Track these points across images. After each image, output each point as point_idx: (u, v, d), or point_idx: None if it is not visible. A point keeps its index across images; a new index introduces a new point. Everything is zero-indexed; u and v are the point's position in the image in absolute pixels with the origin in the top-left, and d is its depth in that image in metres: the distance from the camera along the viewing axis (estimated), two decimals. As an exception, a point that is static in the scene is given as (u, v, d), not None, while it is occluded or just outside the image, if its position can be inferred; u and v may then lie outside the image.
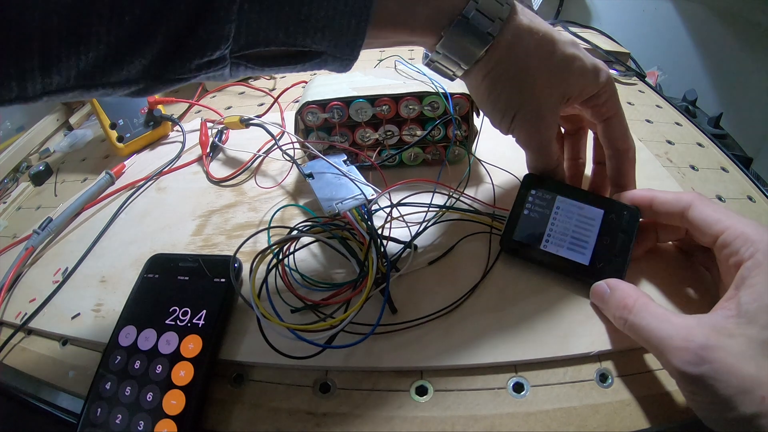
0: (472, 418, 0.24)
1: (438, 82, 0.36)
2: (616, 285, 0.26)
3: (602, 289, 0.27)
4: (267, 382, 0.27)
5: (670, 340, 0.22)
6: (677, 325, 0.22)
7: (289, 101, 0.55)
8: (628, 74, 0.60)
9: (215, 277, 0.30)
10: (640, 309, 0.24)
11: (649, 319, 0.23)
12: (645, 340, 0.23)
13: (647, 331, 0.23)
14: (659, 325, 0.23)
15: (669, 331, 0.22)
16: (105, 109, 0.48)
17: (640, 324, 0.23)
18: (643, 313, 0.24)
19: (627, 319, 0.24)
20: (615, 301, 0.26)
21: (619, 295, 0.26)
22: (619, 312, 0.25)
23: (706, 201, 0.26)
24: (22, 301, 0.34)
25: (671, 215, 0.27)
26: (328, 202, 0.32)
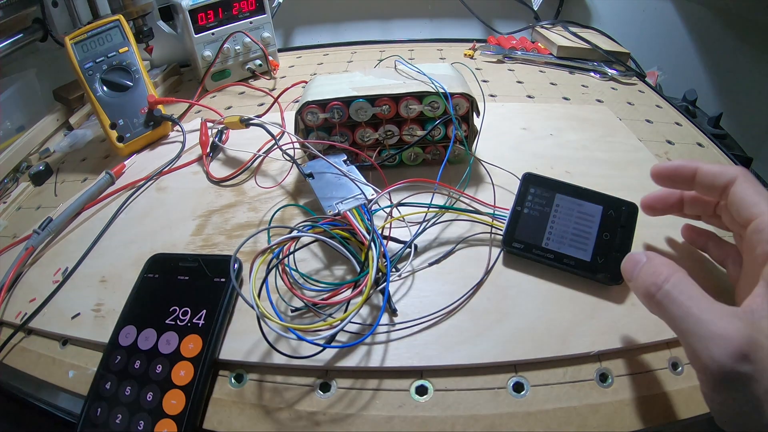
0: (472, 418, 0.24)
1: (438, 82, 0.36)
2: (654, 255, 0.23)
3: (638, 257, 0.24)
4: (267, 382, 0.27)
5: (711, 325, 0.19)
6: (719, 312, 0.19)
7: (289, 101, 0.55)
8: (628, 74, 0.60)
9: (215, 277, 0.30)
10: (678, 282, 0.21)
11: (689, 295, 0.20)
12: (678, 318, 0.20)
13: (684, 308, 0.20)
14: (700, 305, 0.20)
15: (710, 315, 0.19)
16: (105, 109, 0.48)
17: (678, 298, 0.20)
18: (682, 286, 0.21)
19: (662, 288, 0.21)
20: (651, 269, 0.22)
21: (657, 263, 0.23)
22: (653, 279, 0.22)
23: (750, 179, 0.24)
24: (22, 301, 0.34)
25: (713, 188, 0.26)
26: (328, 202, 0.32)
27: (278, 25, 0.74)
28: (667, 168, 0.28)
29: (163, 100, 0.52)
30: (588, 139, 0.45)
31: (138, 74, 0.50)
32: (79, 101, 0.61)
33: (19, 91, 0.60)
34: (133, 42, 0.51)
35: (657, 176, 0.29)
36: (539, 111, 0.50)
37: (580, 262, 0.29)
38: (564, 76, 0.61)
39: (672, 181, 0.28)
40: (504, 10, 0.77)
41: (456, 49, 0.71)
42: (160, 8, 0.61)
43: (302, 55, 0.73)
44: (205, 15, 0.58)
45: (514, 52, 0.66)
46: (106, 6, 0.57)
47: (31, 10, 0.59)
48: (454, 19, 0.79)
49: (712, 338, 0.19)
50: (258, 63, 0.64)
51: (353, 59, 0.68)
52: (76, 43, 0.47)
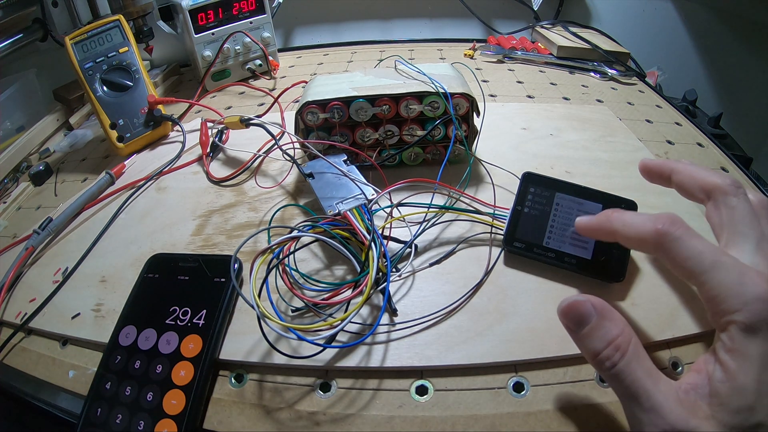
0: (473, 418, 0.24)
1: (438, 82, 0.36)
2: (606, 312, 0.21)
3: (585, 311, 0.21)
4: (267, 382, 0.27)
5: (652, 413, 0.19)
6: (664, 394, 0.19)
7: (289, 101, 0.55)
8: (628, 74, 0.60)
9: (215, 277, 0.30)
10: (632, 357, 0.20)
11: (639, 375, 0.20)
12: (626, 396, 0.20)
13: (633, 389, 0.19)
14: (647, 386, 0.19)
15: (654, 401, 0.19)
16: (105, 109, 0.48)
17: (629, 377, 0.20)
18: (635, 363, 0.20)
19: (617, 364, 0.20)
20: (605, 335, 0.21)
21: (611, 329, 0.21)
22: (610, 351, 0.20)
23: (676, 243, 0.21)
24: (22, 301, 0.34)
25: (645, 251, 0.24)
26: (329, 202, 0.32)
27: (278, 25, 0.74)
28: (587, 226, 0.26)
29: (163, 100, 0.52)
30: (588, 139, 0.45)
31: (138, 74, 0.50)
32: (79, 101, 0.61)
33: (19, 91, 0.60)
34: (133, 42, 0.51)
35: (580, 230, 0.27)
36: (539, 111, 0.50)
37: (581, 260, 0.30)
38: (564, 76, 0.61)
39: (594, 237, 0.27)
40: (504, 10, 0.77)
41: (456, 49, 0.71)
42: (160, 8, 0.61)
43: (302, 55, 0.73)
44: (205, 15, 0.58)
45: (514, 52, 0.66)
46: (106, 6, 0.57)
47: (31, 10, 0.59)
48: (454, 19, 0.79)
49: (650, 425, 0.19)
50: (258, 63, 0.64)
51: (353, 59, 0.68)
52: (76, 43, 0.47)
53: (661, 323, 0.27)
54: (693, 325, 0.27)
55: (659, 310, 0.28)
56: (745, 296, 0.19)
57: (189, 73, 0.70)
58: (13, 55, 0.58)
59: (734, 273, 0.19)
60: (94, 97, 0.47)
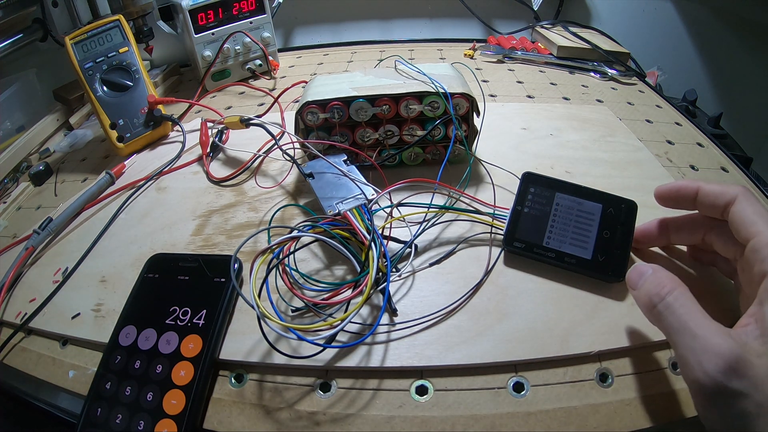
0: (473, 418, 0.24)
1: (438, 82, 0.36)
2: (659, 268, 0.25)
3: (643, 269, 0.25)
4: (267, 382, 0.27)
5: (706, 340, 0.20)
6: (714, 329, 0.20)
7: (289, 101, 0.55)
8: (628, 74, 0.60)
9: (215, 277, 0.30)
10: (680, 295, 0.22)
11: (688, 309, 0.21)
12: (675, 330, 0.21)
13: (682, 321, 0.21)
14: (696, 320, 0.21)
15: (706, 331, 0.20)
16: (105, 109, 0.48)
17: (677, 311, 0.21)
18: (683, 300, 0.22)
19: (664, 299, 0.22)
20: (655, 280, 0.23)
21: (661, 276, 0.24)
22: (656, 290, 0.23)
23: (751, 198, 0.24)
24: (22, 301, 0.34)
25: (714, 207, 0.26)
26: (329, 202, 0.32)
27: (278, 25, 0.74)
28: (669, 189, 0.28)
29: (163, 100, 0.52)
30: (588, 139, 0.45)
31: (138, 74, 0.50)
32: (79, 101, 0.61)
33: (19, 91, 0.60)
34: (133, 42, 0.51)
35: (660, 197, 0.29)
36: (539, 111, 0.50)
37: (581, 260, 0.30)
38: (564, 76, 0.61)
39: (675, 201, 0.28)
40: (504, 10, 0.77)
41: (456, 49, 0.71)
42: (160, 8, 0.61)
43: (302, 55, 0.73)
44: (205, 15, 0.58)
45: (514, 52, 0.66)
46: (106, 6, 0.57)
47: (31, 10, 0.59)
48: (454, 19, 0.79)
49: (705, 353, 0.20)
50: (258, 63, 0.64)
51: (353, 59, 0.68)
52: (76, 43, 0.47)
53: (661, 323, 0.27)
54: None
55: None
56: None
57: (189, 73, 0.70)
58: (13, 55, 0.58)
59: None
60: (94, 97, 0.47)
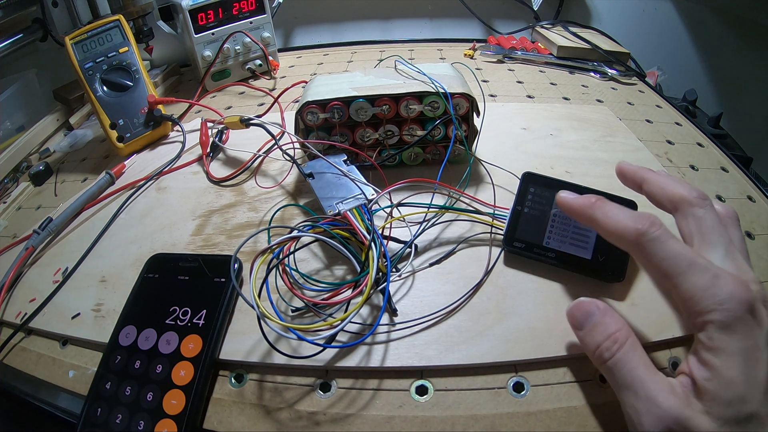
0: (473, 418, 0.24)
1: (438, 82, 0.36)
2: (607, 311, 0.23)
3: (590, 308, 0.24)
4: (267, 382, 0.27)
5: (648, 401, 0.20)
6: (658, 385, 0.20)
7: (289, 101, 0.55)
8: (628, 74, 0.60)
9: (215, 277, 0.30)
10: (629, 349, 0.21)
11: (635, 365, 0.21)
12: (621, 386, 0.21)
13: (628, 378, 0.21)
14: (643, 377, 0.20)
15: (650, 390, 0.20)
16: (105, 109, 0.48)
17: (625, 367, 0.21)
18: (631, 355, 0.21)
19: (614, 354, 0.22)
20: (605, 330, 0.23)
21: (611, 324, 0.23)
22: (608, 343, 0.22)
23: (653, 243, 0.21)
24: (22, 301, 0.34)
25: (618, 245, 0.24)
26: (329, 202, 0.32)
27: (278, 25, 0.74)
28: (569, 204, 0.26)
29: (163, 100, 0.52)
30: (588, 139, 0.45)
31: (138, 74, 0.50)
32: (79, 101, 0.61)
33: (19, 91, 0.60)
34: (133, 42, 0.51)
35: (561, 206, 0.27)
36: (539, 111, 0.50)
37: (581, 260, 0.30)
38: (564, 76, 0.61)
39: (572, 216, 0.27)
40: (504, 10, 0.77)
41: (456, 49, 0.71)
42: (160, 8, 0.61)
43: (302, 55, 0.73)
44: (205, 15, 0.58)
45: (514, 52, 0.66)
46: (106, 6, 0.57)
47: (31, 10, 0.59)
48: (454, 19, 0.79)
49: (646, 414, 0.20)
50: (258, 63, 0.64)
51: (353, 59, 0.68)
52: (76, 43, 0.47)
53: (660, 323, 0.27)
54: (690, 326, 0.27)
55: (659, 310, 0.28)
56: (720, 296, 0.19)
57: (189, 73, 0.70)
58: (13, 55, 0.58)
59: (708, 275, 0.20)
60: (94, 97, 0.47)
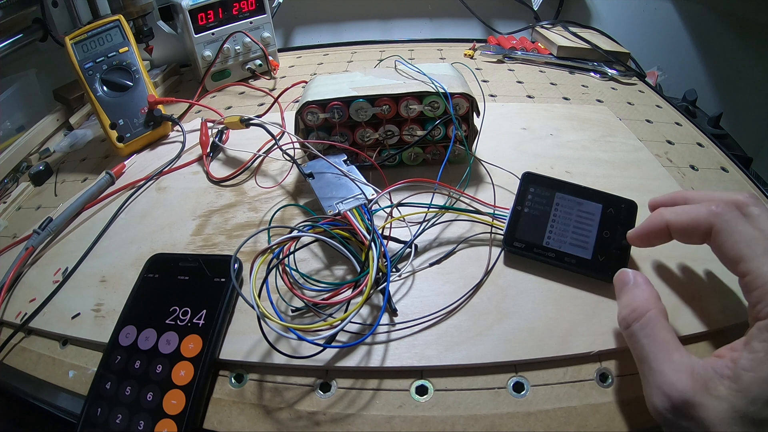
0: (472, 418, 0.24)
1: (438, 82, 0.36)
2: (641, 282, 0.24)
3: (627, 278, 0.25)
4: (267, 382, 0.27)
5: (659, 375, 0.20)
6: (675, 363, 0.20)
7: (289, 101, 0.55)
8: (628, 74, 0.60)
9: (215, 277, 0.30)
10: (647, 322, 0.22)
11: (650, 340, 0.21)
12: (637, 357, 0.22)
13: (644, 351, 0.21)
14: (657, 352, 0.21)
15: (662, 366, 0.20)
16: (105, 109, 0.48)
17: (641, 341, 0.22)
18: (649, 328, 0.22)
19: (631, 325, 0.23)
20: (629, 298, 0.24)
21: (636, 295, 0.24)
22: (627, 312, 0.23)
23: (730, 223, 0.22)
24: (22, 301, 0.34)
25: (693, 240, 0.24)
26: (329, 202, 0.32)
27: (278, 25, 0.74)
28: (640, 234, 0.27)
29: (163, 100, 0.52)
30: (588, 139, 0.45)
31: (138, 74, 0.50)
32: (79, 101, 0.61)
33: (19, 91, 0.60)
34: (133, 42, 0.51)
35: (636, 243, 0.28)
36: (539, 111, 0.50)
37: (581, 260, 0.30)
38: (564, 76, 0.61)
39: (650, 242, 0.27)
40: (504, 10, 0.77)
41: (456, 49, 0.71)
42: (160, 8, 0.61)
43: (302, 55, 0.73)
44: (205, 15, 0.58)
45: (514, 52, 0.66)
46: (106, 6, 0.57)
47: (31, 10, 0.59)
48: (454, 19, 0.79)
49: (657, 388, 0.20)
50: (258, 63, 0.64)
51: (353, 59, 0.68)
52: (76, 43, 0.47)
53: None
54: (693, 325, 0.27)
55: (659, 310, 0.28)
56: None
57: (189, 73, 0.70)
58: (13, 55, 0.58)
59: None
60: (94, 97, 0.47)
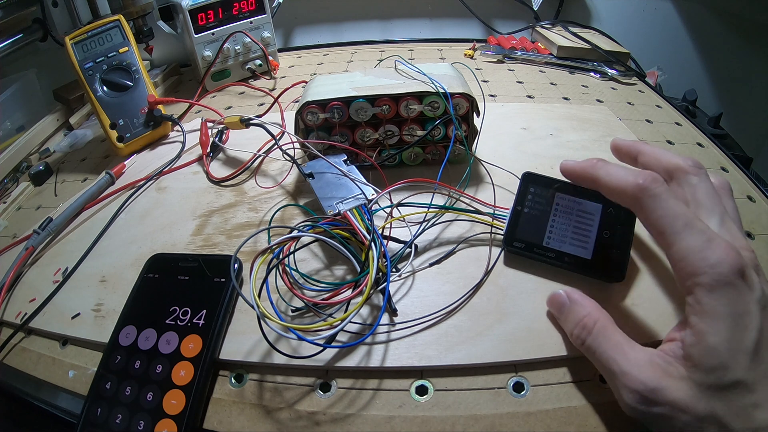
0: (472, 418, 0.24)
1: (438, 82, 0.36)
2: (576, 299, 0.25)
3: (561, 300, 0.26)
4: (267, 382, 0.27)
5: (623, 376, 0.21)
6: (632, 360, 0.21)
7: (289, 101, 0.55)
8: (628, 74, 0.60)
9: (215, 277, 0.30)
10: (598, 333, 0.23)
11: (606, 347, 0.22)
12: (600, 367, 0.23)
13: (603, 359, 0.22)
14: (614, 356, 0.22)
15: (622, 366, 0.21)
16: (105, 109, 0.48)
17: (597, 350, 0.23)
18: (601, 338, 0.23)
19: (585, 340, 0.24)
20: (574, 317, 0.25)
21: (579, 312, 0.25)
22: (578, 330, 0.24)
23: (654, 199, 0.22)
24: (22, 301, 0.34)
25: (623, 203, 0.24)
26: (329, 202, 0.32)
27: (278, 25, 0.74)
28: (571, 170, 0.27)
29: (163, 100, 0.52)
30: (588, 139, 0.45)
31: (138, 74, 0.50)
32: (79, 101, 0.61)
33: (19, 91, 0.60)
34: (133, 42, 0.51)
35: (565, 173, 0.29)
36: (539, 111, 0.50)
37: (581, 260, 0.30)
38: (564, 76, 0.61)
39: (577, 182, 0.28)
40: (504, 10, 0.77)
41: (456, 49, 0.71)
42: (160, 8, 0.61)
43: (302, 55, 0.73)
44: (205, 15, 0.58)
45: (514, 52, 0.66)
46: (106, 6, 0.57)
47: (31, 10, 0.59)
48: (454, 19, 0.79)
49: (624, 387, 0.21)
50: (258, 63, 0.64)
51: (353, 59, 0.68)
52: (76, 43, 0.47)
53: (661, 323, 0.27)
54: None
55: (659, 310, 0.28)
56: (711, 259, 0.20)
57: (189, 73, 0.70)
58: (13, 55, 0.58)
59: (703, 237, 0.20)
60: (94, 97, 0.47)
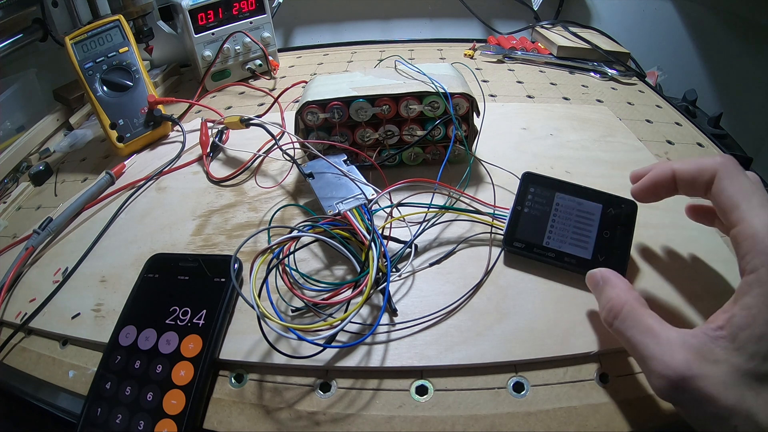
0: (472, 418, 0.24)
1: (438, 82, 0.36)
2: (608, 279, 0.25)
3: (596, 279, 0.26)
4: (267, 382, 0.27)
5: (652, 361, 0.21)
6: (662, 344, 0.21)
7: (289, 101, 0.55)
8: (628, 74, 0.60)
9: (215, 277, 0.30)
10: (626, 316, 0.23)
11: (634, 331, 0.22)
12: (630, 350, 0.23)
13: (632, 344, 0.22)
14: (643, 340, 0.21)
15: (652, 351, 0.21)
16: (105, 109, 0.48)
17: (625, 334, 0.22)
18: (629, 321, 0.23)
19: (612, 323, 0.23)
20: (604, 300, 0.25)
21: (609, 294, 0.24)
22: (605, 313, 0.24)
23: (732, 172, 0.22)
24: (22, 301, 0.34)
25: (696, 188, 0.24)
26: (329, 202, 0.32)
27: (278, 25, 0.74)
28: (645, 185, 0.27)
29: (163, 100, 0.52)
30: (588, 139, 0.45)
31: (138, 74, 0.50)
32: (79, 101, 0.61)
33: (19, 91, 0.60)
34: (133, 42, 0.51)
35: (639, 195, 0.28)
36: (539, 111, 0.50)
37: (581, 260, 0.30)
38: (564, 76, 0.61)
39: (655, 194, 0.27)
40: (504, 10, 0.77)
41: (456, 49, 0.71)
42: (160, 8, 0.61)
43: (302, 55, 0.73)
44: (205, 15, 0.58)
45: (514, 52, 0.66)
46: (106, 6, 0.58)
47: (31, 10, 0.59)
48: (454, 19, 0.79)
49: (653, 373, 0.21)
50: (258, 63, 0.64)
51: (353, 59, 0.68)
52: (76, 43, 0.47)
53: (661, 323, 0.27)
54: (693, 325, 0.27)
55: (659, 310, 0.28)
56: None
57: (189, 73, 0.70)
58: (13, 55, 0.58)
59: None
60: (94, 97, 0.47)
